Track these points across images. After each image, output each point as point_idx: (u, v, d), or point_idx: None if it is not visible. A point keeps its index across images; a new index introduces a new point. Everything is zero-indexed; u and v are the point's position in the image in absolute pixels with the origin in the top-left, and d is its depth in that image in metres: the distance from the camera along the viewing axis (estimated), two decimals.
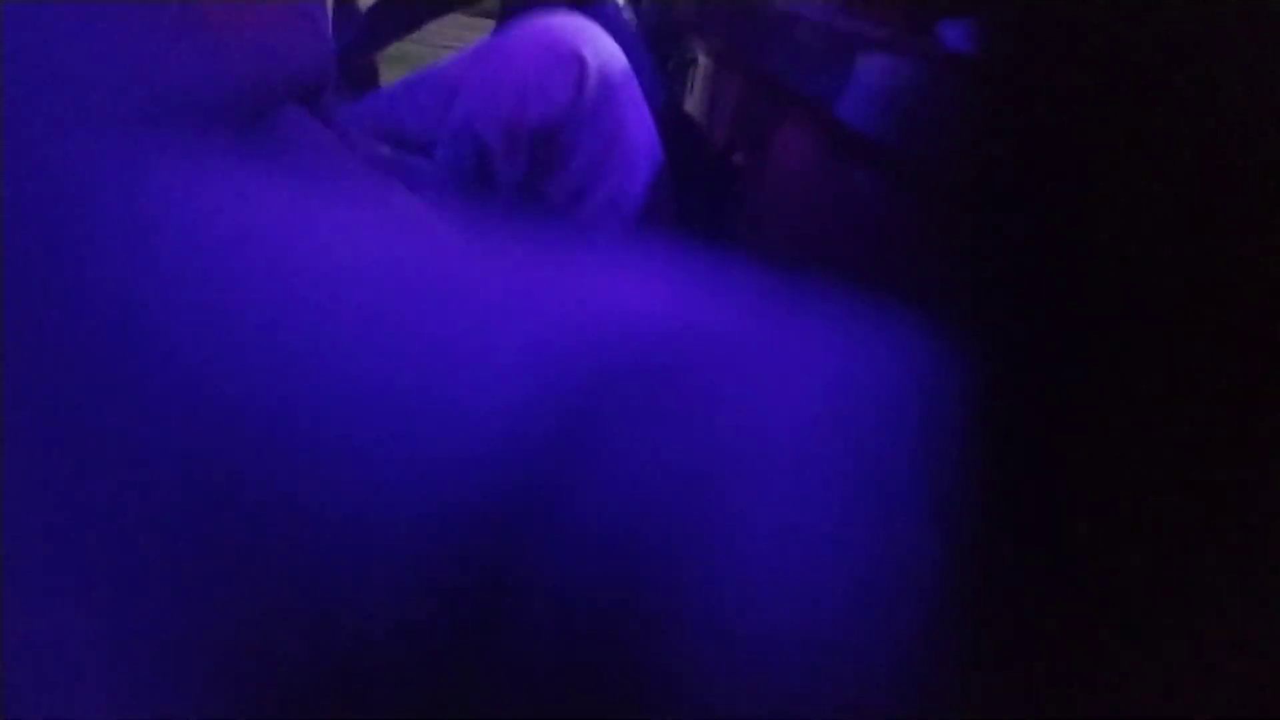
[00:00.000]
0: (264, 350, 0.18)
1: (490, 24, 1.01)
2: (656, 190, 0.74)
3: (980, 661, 0.22)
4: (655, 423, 0.20)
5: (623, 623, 0.19)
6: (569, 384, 0.20)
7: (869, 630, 0.20)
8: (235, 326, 0.18)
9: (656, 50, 0.92)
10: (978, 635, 0.22)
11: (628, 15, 0.91)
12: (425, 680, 0.19)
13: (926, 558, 0.21)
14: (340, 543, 0.18)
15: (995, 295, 0.31)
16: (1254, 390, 0.20)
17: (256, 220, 0.20)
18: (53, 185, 0.18)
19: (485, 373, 0.20)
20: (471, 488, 0.19)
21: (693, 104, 0.88)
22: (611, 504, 0.19)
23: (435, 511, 0.18)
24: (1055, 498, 0.23)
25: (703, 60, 0.88)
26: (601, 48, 0.71)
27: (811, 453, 0.22)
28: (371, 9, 0.96)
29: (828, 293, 0.25)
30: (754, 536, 0.20)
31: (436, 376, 0.19)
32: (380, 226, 0.22)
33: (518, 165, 0.69)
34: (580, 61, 0.69)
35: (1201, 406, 0.21)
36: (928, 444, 0.22)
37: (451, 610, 0.19)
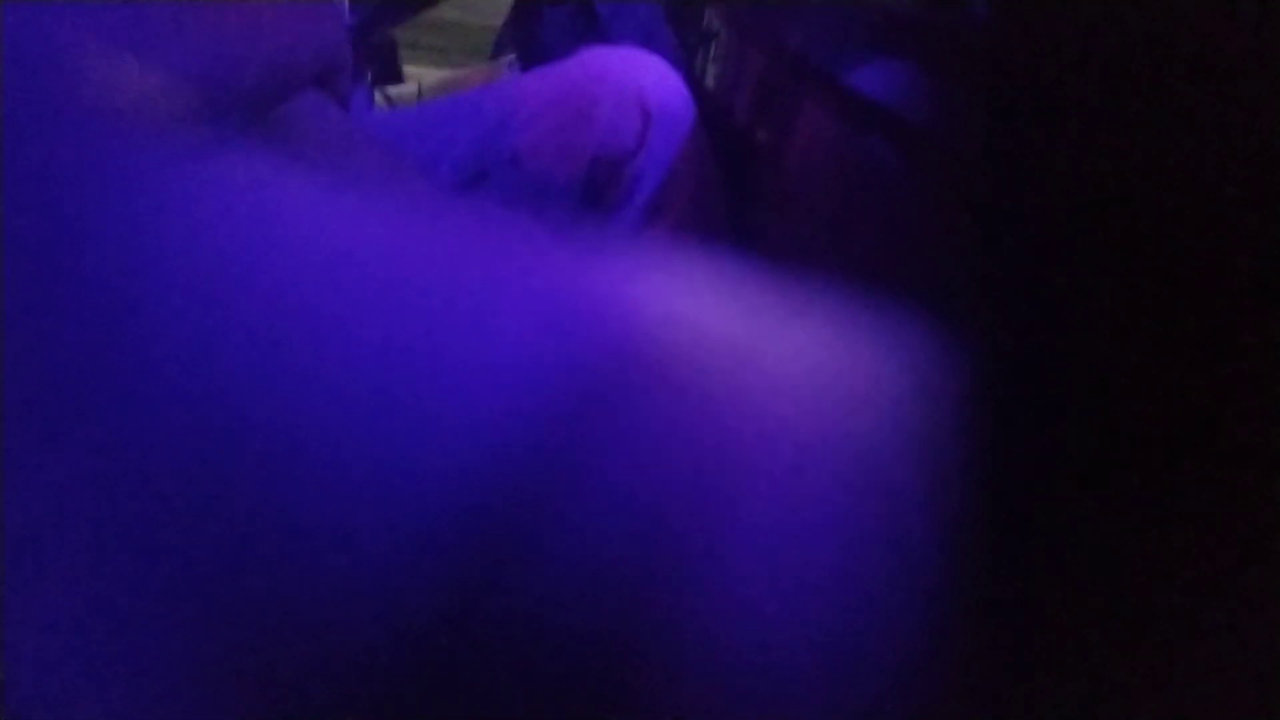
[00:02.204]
0: (272, 344, 0.18)
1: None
2: (712, 216, 0.72)
3: (982, 661, 0.22)
4: (656, 418, 0.20)
5: (622, 623, 0.19)
6: (571, 381, 0.20)
7: (870, 630, 0.20)
8: (246, 319, 0.18)
9: (677, 24, 0.91)
10: (979, 635, 0.22)
11: None
12: (423, 681, 0.19)
13: (928, 557, 0.21)
14: (341, 541, 0.18)
15: (1005, 288, 0.30)
16: (1258, 388, 0.20)
17: (271, 209, 0.20)
18: (63, 176, 0.18)
19: (485, 368, 0.19)
20: (472, 485, 0.19)
21: (712, 79, 0.87)
22: (612, 503, 0.19)
23: (433, 510, 0.18)
24: (1058, 498, 0.23)
25: (723, 34, 0.87)
26: (664, 86, 0.69)
27: (814, 450, 0.21)
28: None
29: (832, 288, 0.25)
30: (755, 534, 0.20)
31: (436, 371, 0.19)
32: (392, 219, 0.22)
33: (573, 197, 0.67)
34: (644, 107, 0.67)
35: (1205, 404, 0.21)
36: (931, 442, 0.22)
37: (449, 611, 0.18)
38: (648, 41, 0.80)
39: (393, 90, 0.93)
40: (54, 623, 0.16)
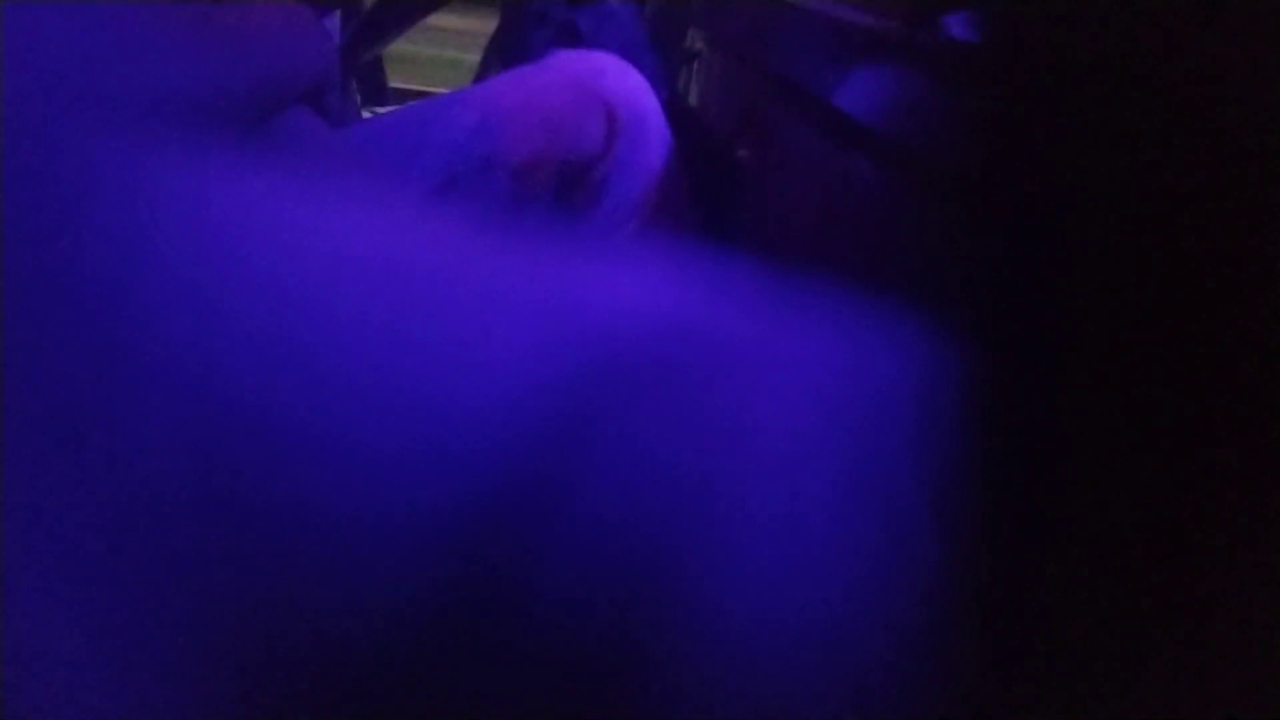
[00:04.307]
0: (266, 351, 0.18)
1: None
2: (678, 219, 0.72)
3: (980, 658, 0.22)
4: (655, 420, 0.20)
5: (622, 620, 0.19)
6: (568, 382, 0.20)
7: (868, 628, 0.20)
8: (238, 327, 0.18)
9: (659, 43, 0.92)
10: (976, 632, 0.22)
11: (630, 9, 0.90)
12: (424, 679, 0.19)
13: (925, 555, 0.21)
14: (342, 541, 0.18)
15: (995, 291, 0.31)
16: (1256, 387, 0.20)
17: (260, 221, 0.20)
18: (56, 187, 0.18)
19: (485, 371, 0.20)
20: (471, 485, 0.19)
21: (695, 97, 0.88)
22: (611, 501, 0.19)
23: (435, 509, 0.18)
24: (1054, 494, 0.23)
25: (705, 53, 0.88)
26: (629, 89, 0.69)
27: (811, 450, 0.21)
28: (373, 7, 0.96)
29: (826, 290, 0.25)
30: (753, 534, 0.20)
31: (437, 375, 0.19)
32: (381, 227, 0.22)
33: (543, 203, 0.67)
34: (609, 110, 0.67)
35: (1203, 403, 0.21)
36: (927, 441, 0.22)
37: (450, 609, 0.19)
38: (630, 60, 0.80)
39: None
40: (54, 623, 0.16)
